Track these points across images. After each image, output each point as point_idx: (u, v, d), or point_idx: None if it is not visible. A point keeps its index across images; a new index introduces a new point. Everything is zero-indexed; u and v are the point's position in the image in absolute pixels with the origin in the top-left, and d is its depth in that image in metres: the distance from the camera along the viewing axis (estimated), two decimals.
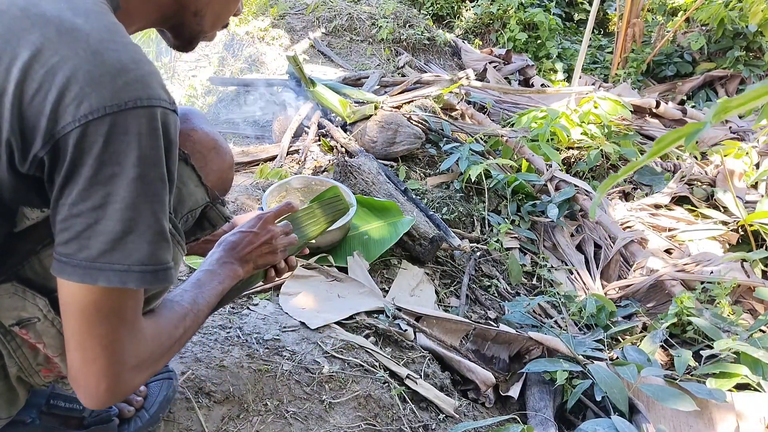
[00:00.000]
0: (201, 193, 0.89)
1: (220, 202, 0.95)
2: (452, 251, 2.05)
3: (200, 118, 0.95)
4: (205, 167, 0.91)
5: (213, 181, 0.92)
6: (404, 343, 1.46)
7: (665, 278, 2.05)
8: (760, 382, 1.41)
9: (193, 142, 0.90)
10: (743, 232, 2.39)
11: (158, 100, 0.63)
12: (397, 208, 1.88)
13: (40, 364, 0.76)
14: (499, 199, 2.59)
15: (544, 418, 1.36)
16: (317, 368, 1.26)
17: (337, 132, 2.64)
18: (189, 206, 0.88)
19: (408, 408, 1.25)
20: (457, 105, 3.23)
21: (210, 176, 0.91)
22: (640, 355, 1.51)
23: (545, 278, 2.22)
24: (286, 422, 1.12)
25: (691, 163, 3.01)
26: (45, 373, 0.77)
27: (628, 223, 2.53)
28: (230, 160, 0.97)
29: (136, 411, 1.03)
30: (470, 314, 1.79)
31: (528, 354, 1.61)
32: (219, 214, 0.94)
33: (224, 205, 0.98)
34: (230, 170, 0.98)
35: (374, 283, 1.64)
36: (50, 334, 0.73)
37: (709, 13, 4.99)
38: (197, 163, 0.89)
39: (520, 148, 2.82)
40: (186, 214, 0.88)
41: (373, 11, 4.92)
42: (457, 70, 4.45)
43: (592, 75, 5.39)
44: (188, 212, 0.89)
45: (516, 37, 5.56)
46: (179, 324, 0.81)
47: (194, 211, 0.90)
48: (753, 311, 1.94)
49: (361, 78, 3.48)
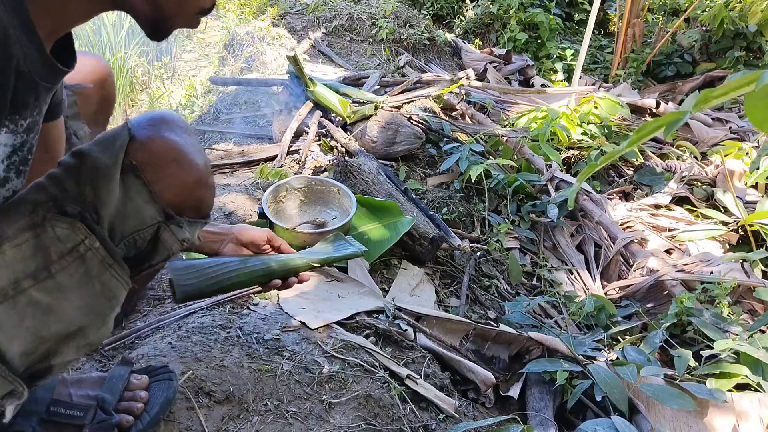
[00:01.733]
0: (151, 211, 0.79)
1: (177, 223, 0.82)
2: (452, 251, 2.05)
3: (169, 126, 0.82)
4: (161, 182, 0.79)
5: (170, 199, 0.81)
6: (404, 343, 1.46)
7: (665, 278, 2.05)
8: (760, 383, 1.41)
9: (147, 152, 0.79)
10: (743, 233, 2.39)
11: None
12: (397, 208, 1.88)
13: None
14: (500, 199, 2.59)
15: (544, 418, 1.36)
16: (317, 368, 1.26)
17: (338, 132, 2.64)
18: (133, 225, 0.79)
19: (408, 408, 1.25)
20: (458, 105, 3.23)
21: (166, 192, 0.80)
22: (640, 355, 1.51)
23: (545, 278, 2.22)
24: (286, 422, 1.12)
25: (692, 164, 3.01)
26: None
27: (628, 224, 2.53)
28: (198, 175, 0.83)
29: (136, 418, 1.01)
30: (470, 314, 1.79)
31: (528, 354, 1.61)
32: (173, 236, 0.82)
33: (194, 227, 0.86)
34: (198, 187, 0.84)
35: (374, 283, 1.64)
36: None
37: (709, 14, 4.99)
38: (150, 176, 0.78)
39: (520, 148, 2.82)
40: (131, 235, 0.79)
41: (373, 11, 4.92)
42: (458, 70, 4.44)
43: (593, 75, 5.39)
44: (134, 233, 0.79)
45: (516, 37, 5.56)
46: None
47: (141, 231, 0.80)
48: (753, 311, 1.94)
49: (362, 78, 3.48)
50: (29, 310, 0.70)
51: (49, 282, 0.71)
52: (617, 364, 1.45)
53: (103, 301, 0.76)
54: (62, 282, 0.72)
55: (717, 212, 2.56)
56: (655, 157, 3.19)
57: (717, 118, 3.78)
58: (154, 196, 0.79)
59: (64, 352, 0.75)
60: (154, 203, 0.79)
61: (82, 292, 0.74)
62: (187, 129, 0.85)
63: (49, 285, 0.71)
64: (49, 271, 0.71)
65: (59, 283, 0.72)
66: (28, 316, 0.70)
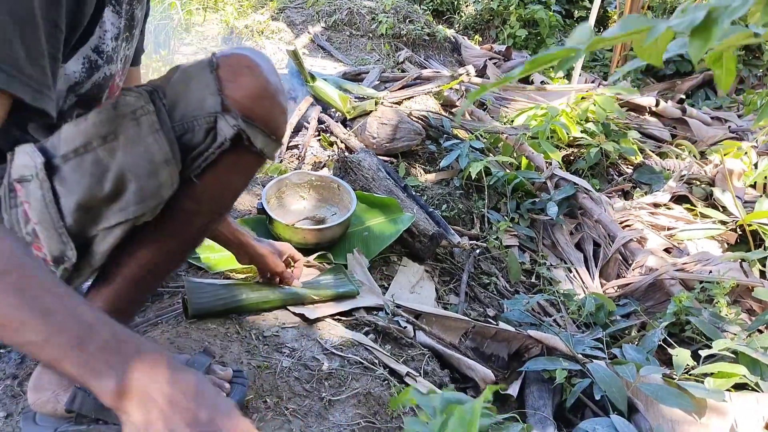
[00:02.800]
0: (213, 102, 0.83)
1: (234, 114, 0.84)
2: (452, 248, 2.05)
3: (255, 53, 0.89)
4: (232, 82, 0.84)
5: (239, 99, 0.84)
6: (404, 341, 1.46)
7: (664, 277, 2.05)
8: (759, 382, 1.41)
9: (228, 57, 0.86)
10: (742, 232, 2.39)
11: None
12: (396, 204, 1.88)
13: (29, 234, 0.79)
14: (499, 197, 2.59)
15: (543, 417, 1.36)
16: (317, 365, 1.26)
17: (337, 127, 2.63)
18: (193, 109, 0.83)
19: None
20: (458, 101, 3.22)
21: (236, 93, 0.84)
22: (639, 354, 1.51)
23: (544, 276, 2.22)
24: (285, 419, 1.11)
25: (691, 163, 3.01)
26: (36, 249, 0.79)
27: (627, 222, 2.53)
28: (267, 85, 0.86)
29: None
30: (469, 312, 1.79)
31: (527, 352, 1.61)
32: (227, 123, 0.83)
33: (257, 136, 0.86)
34: (267, 97, 0.87)
35: (373, 281, 1.64)
36: (36, 196, 0.77)
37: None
38: (224, 74, 0.84)
39: (520, 145, 2.82)
40: (191, 120, 0.84)
41: (373, 6, 4.90)
42: (457, 66, 4.43)
43: (592, 73, 5.38)
44: (192, 118, 0.83)
45: (516, 33, 5.55)
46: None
47: (199, 118, 0.83)
48: (751, 311, 1.95)
49: (361, 73, 3.46)
50: (91, 168, 0.79)
51: (113, 143, 0.80)
52: (616, 363, 1.46)
53: (144, 163, 0.80)
54: (120, 142, 0.80)
55: (716, 211, 2.56)
56: (654, 155, 3.19)
57: (716, 117, 3.78)
58: (220, 91, 0.83)
59: (108, 217, 0.81)
60: (218, 95, 0.83)
61: (128, 152, 0.80)
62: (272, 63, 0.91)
63: (112, 146, 0.80)
64: (115, 133, 0.80)
65: (118, 143, 0.80)
66: (87, 174, 0.79)
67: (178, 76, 0.86)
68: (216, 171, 0.87)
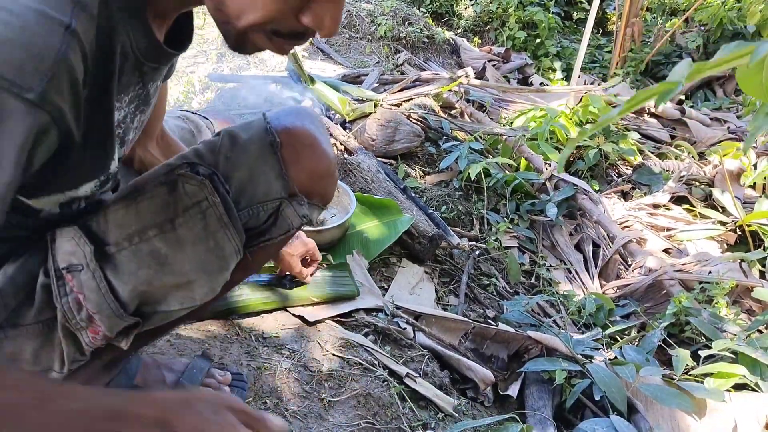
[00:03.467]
0: (279, 186, 0.82)
1: (299, 201, 0.85)
2: (451, 250, 2.05)
3: (310, 117, 0.88)
4: (296, 164, 0.83)
5: (302, 181, 0.84)
6: (403, 342, 1.46)
7: (663, 278, 2.05)
8: (758, 382, 1.41)
9: (288, 134, 0.84)
10: (741, 233, 2.39)
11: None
12: (396, 206, 1.88)
13: (83, 320, 0.74)
14: (498, 198, 2.59)
15: (542, 417, 1.36)
16: (317, 366, 1.26)
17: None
18: (259, 196, 0.82)
19: (407, 407, 1.25)
20: (457, 103, 3.22)
21: (299, 174, 0.84)
22: (639, 354, 1.51)
23: (544, 277, 2.22)
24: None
25: (690, 163, 3.01)
26: (92, 333, 0.76)
27: (627, 223, 2.53)
28: (328, 164, 0.87)
29: None
30: (469, 313, 1.79)
31: (527, 353, 1.61)
32: (296, 212, 0.85)
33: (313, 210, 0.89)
34: (328, 175, 0.88)
35: (373, 282, 1.64)
36: (90, 287, 0.74)
37: (708, 14, 4.99)
38: (287, 155, 0.83)
39: (519, 146, 2.82)
40: (256, 205, 0.82)
41: (372, 8, 4.91)
42: (456, 69, 4.44)
43: (591, 74, 5.39)
44: (258, 203, 0.82)
45: (515, 35, 5.56)
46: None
47: (265, 204, 0.82)
48: (751, 311, 1.95)
49: (361, 75, 3.47)
50: (148, 259, 0.76)
51: (171, 234, 0.76)
52: (616, 363, 1.46)
53: (214, 259, 0.79)
54: (182, 235, 0.76)
55: (715, 212, 2.56)
56: (653, 156, 3.20)
57: (715, 118, 3.78)
58: (285, 174, 0.82)
59: (170, 302, 0.79)
60: (283, 179, 0.82)
61: (197, 247, 0.77)
62: (323, 125, 0.91)
63: (171, 237, 0.76)
64: (173, 224, 0.76)
65: (179, 236, 0.76)
66: (144, 265, 0.75)
67: (238, 154, 0.81)
68: (270, 246, 0.88)
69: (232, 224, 0.78)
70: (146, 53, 0.70)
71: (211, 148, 0.82)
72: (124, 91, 0.71)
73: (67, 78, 0.56)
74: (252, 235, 0.84)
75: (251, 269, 0.95)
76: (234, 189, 0.80)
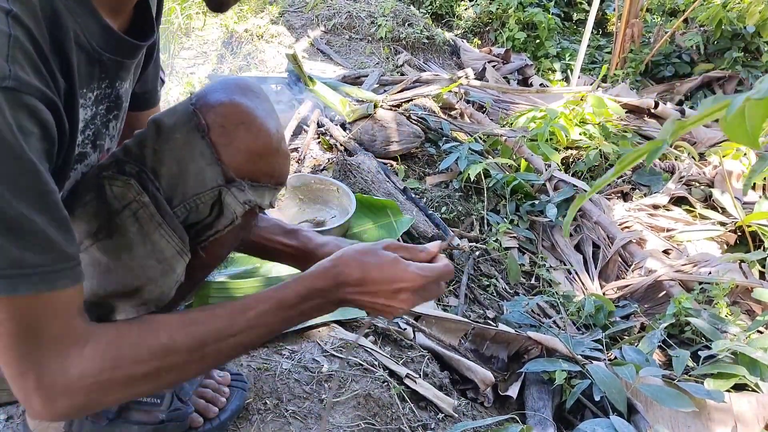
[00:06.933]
0: (213, 173, 0.75)
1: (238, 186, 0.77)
2: (451, 250, 2.05)
3: (242, 90, 0.79)
4: (229, 145, 0.75)
5: (239, 163, 0.76)
6: (403, 342, 1.46)
7: (663, 279, 2.05)
8: (758, 383, 1.42)
9: (216, 114, 0.75)
10: (741, 233, 2.39)
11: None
12: (396, 207, 1.88)
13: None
14: (498, 199, 2.59)
15: (542, 418, 1.36)
16: (316, 367, 1.26)
17: (337, 130, 2.64)
18: (194, 188, 0.75)
19: (407, 407, 1.25)
20: (456, 104, 3.23)
21: (235, 157, 0.76)
22: (639, 355, 1.51)
23: (544, 278, 2.22)
24: (285, 421, 1.12)
25: (690, 164, 3.01)
26: None
27: (627, 224, 2.53)
28: (267, 141, 0.78)
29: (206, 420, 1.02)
30: (469, 313, 1.79)
31: (527, 354, 1.61)
32: (236, 199, 0.77)
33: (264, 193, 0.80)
34: (270, 153, 0.79)
35: None
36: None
37: (708, 14, 5.00)
38: (218, 138, 0.75)
39: (519, 147, 2.82)
40: (192, 198, 0.75)
41: (372, 9, 4.91)
42: (456, 69, 4.45)
43: (591, 75, 5.39)
44: (194, 196, 0.75)
45: (515, 36, 5.56)
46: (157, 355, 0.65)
47: (202, 195, 0.76)
48: (751, 312, 1.95)
49: (361, 76, 3.47)
50: (90, 269, 0.71)
51: (107, 242, 0.72)
52: (616, 364, 1.46)
53: (154, 263, 0.73)
54: (118, 241, 0.72)
55: (715, 213, 2.56)
56: None
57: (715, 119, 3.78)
58: (218, 159, 0.75)
59: (125, 309, 0.75)
60: (216, 165, 0.75)
61: (134, 252, 0.72)
62: (260, 94, 0.81)
63: (107, 245, 0.72)
64: (107, 230, 0.72)
65: (116, 243, 0.72)
66: (89, 276, 0.70)
67: (163, 146, 0.75)
68: (222, 238, 0.81)
69: (167, 223, 0.73)
70: (102, 42, 0.65)
71: (139, 142, 0.76)
72: (86, 86, 0.67)
73: (28, 62, 0.53)
74: (199, 230, 0.79)
75: (210, 266, 0.88)
76: (164, 184, 0.74)
